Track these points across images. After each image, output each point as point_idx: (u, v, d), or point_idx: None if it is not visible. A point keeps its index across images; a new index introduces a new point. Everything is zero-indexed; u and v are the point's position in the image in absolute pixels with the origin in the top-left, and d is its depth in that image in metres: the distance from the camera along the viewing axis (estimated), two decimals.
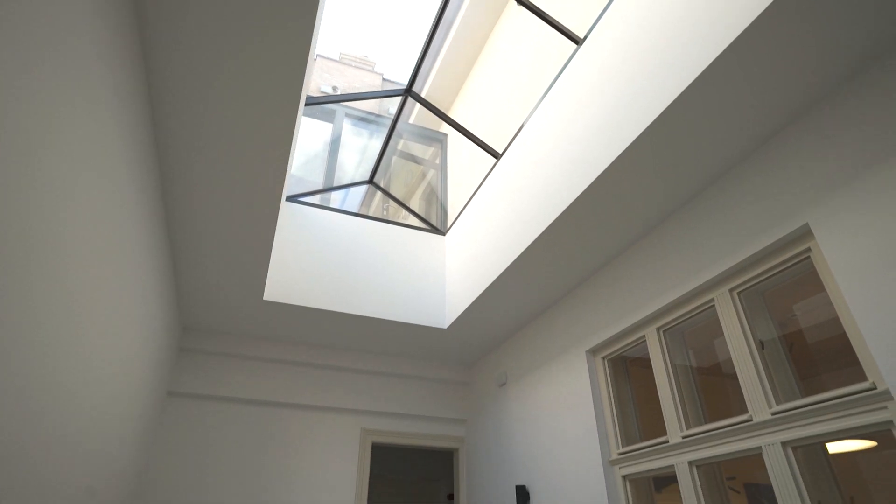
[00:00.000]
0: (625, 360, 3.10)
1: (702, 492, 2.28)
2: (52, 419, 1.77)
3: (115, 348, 2.33)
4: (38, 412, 1.65)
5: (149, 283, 2.66)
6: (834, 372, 3.59)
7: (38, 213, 1.41)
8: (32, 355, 1.53)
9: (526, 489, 3.36)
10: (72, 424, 1.96)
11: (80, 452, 2.12)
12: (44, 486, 1.82)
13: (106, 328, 2.14)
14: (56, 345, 1.68)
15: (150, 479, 3.53)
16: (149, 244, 2.52)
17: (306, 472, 3.92)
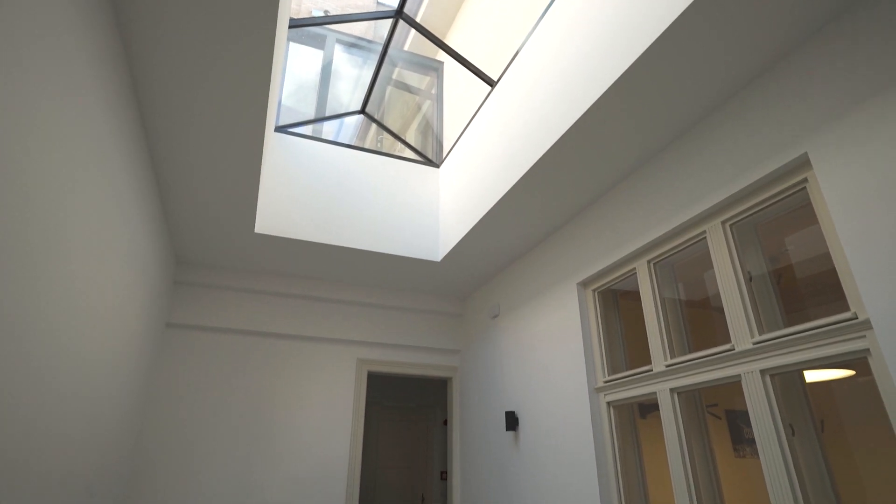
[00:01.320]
0: (615, 293, 3.13)
1: (681, 417, 2.37)
2: (50, 353, 1.80)
3: (108, 280, 2.34)
4: (34, 349, 1.68)
5: (136, 216, 2.63)
6: (819, 307, 3.65)
7: (20, 152, 1.35)
8: (24, 292, 1.53)
9: (515, 415, 3.50)
10: (73, 355, 2.00)
11: (83, 381, 2.18)
12: (45, 419, 1.88)
13: (97, 261, 2.13)
14: (47, 280, 1.68)
15: (154, 408, 3.67)
16: (132, 177, 2.46)
17: (305, 400, 4.07)
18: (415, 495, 6.64)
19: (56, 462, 2.06)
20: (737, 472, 3.92)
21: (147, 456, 3.54)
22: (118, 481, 3.12)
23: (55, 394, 1.95)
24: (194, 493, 3.57)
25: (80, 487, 2.41)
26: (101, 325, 2.36)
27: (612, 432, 2.74)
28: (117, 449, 2.98)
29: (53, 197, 1.68)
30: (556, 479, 2.98)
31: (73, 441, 2.21)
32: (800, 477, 1.85)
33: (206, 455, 3.68)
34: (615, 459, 2.69)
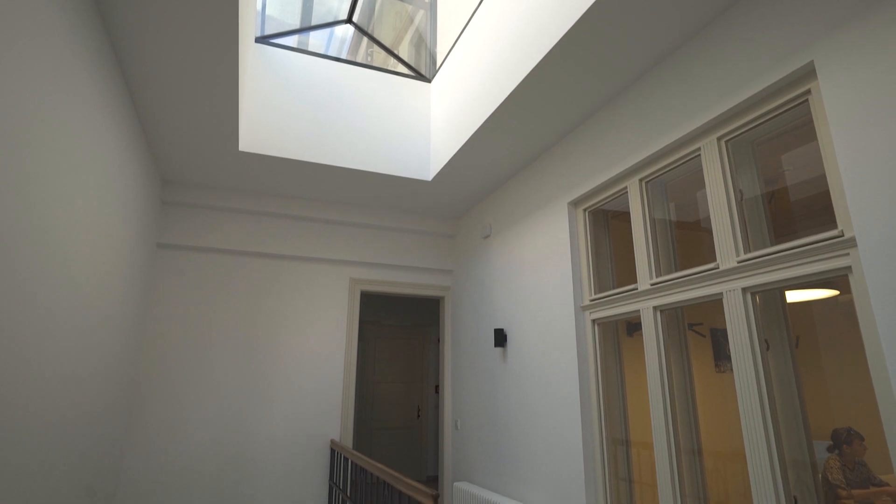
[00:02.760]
0: (606, 214, 3.10)
1: (662, 334, 2.41)
2: (40, 275, 1.78)
3: (93, 199, 2.28)
4: (24, 272, 1.65)
5: (113, 135, 2.53)
6: (809, 230, 3.63)
7: None
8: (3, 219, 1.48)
9: (504, 332, 3.59)
10: (63, 275, 1.99)
11: (78, 298, 2.19)
12: (40, 347, 1.90)
13: (79, 180, 2.07)
14: (25, 205, 1.62)
15: (151, 329, 3.75)
16: (104, 93, 2.33)
17: (299, 319, 4.17)
18: (411, 407, 7.00)
19: (56, 392, 2.12)
20: (716, 387, 4.09)
21: (147, 376, 3.67)
22: (120, 405, 3.26)
23: (48, 318, 1.97)
24: (194, 412, 3.74)
25: (82, 418, 2.51)
26: (89, 245, 2.34)
27: (596, 348, 2.81)
28: (116, 372, 3.08)
29: (18, 122, 1.59)
30: (541, 391, 3.11)
31: (70, 368, 2.27)
32: (769, 389, 1.91)
33: (203, 374, 3.81)
34: (597, 373, 2.78)
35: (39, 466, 2.09)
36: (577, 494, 2.69)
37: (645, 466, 2.67)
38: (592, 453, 2.71)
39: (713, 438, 3.47)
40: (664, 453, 2.29)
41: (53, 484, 2.26)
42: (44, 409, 2.08)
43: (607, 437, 2.69)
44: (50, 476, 2.21)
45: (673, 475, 2.25)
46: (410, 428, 6.93)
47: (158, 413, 3.63)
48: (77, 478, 2.55)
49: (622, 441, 2.72)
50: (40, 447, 2.08)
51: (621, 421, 2.75)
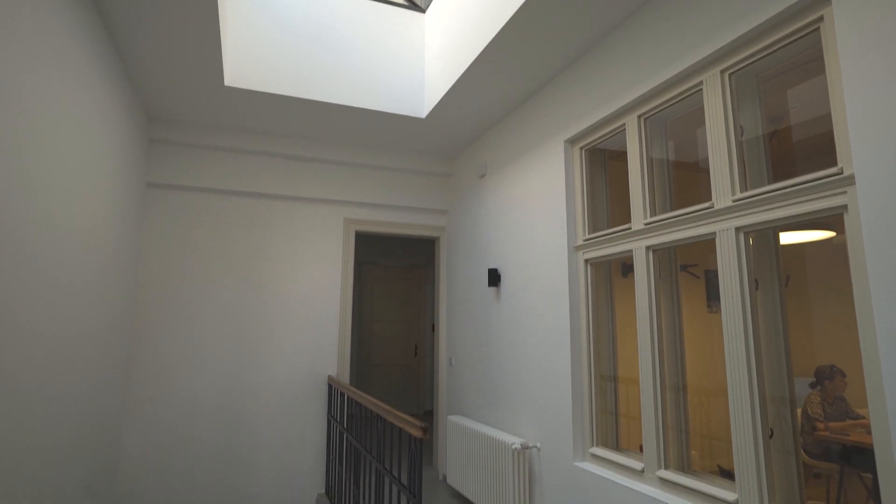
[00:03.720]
0: (603, 153, 3.02)
1: (653, 274, 2.41)
2: (24, 217, 1.74)
3: (77, 138, 2.20)
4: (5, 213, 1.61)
5: (94, 67, 2.41)
6: (808, 172, 3.55)
7: None
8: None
9: (497, 272, 3.60)
10: (49, 219, 1.95)
11: (69, 241, 2.16)
12: (35, 292, 1.88)
13: (60, 119, 1.98)
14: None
15: (145, 268, 3.75)
16: (83, 28, 2.20)
17: (294, 259, 4.17)
18: (409, 346, 7.17)
19: (54, 340, 2.14)
20: (706, 327, 4.16)
21: (143, 318, 3.71)
22: (118, 347, 3.31)
23: (38, 266, 1.95)
24: (192, 352, 3.81)
25: (82, 363, 2.54)
26: (76, 185, 2.29)
27: (588, 288, 2.83)
28: (112, 315, 3.10)
29: None
30: (533, 330, 3.16)
31: (65, 314, 2.27)
32: (755, 327, 1.93)
33: (200, 314, 3.86)
34: (588, 313, 2.81)
35: (43, 413, 2.15)
36: (564, 426, 2.79)
37: (631, 401, 2.75)
38: (581, 388, 2.78)
39: (699, 375, 3.56)
40: (649, 389, 2.35)
41: (56, 430, 2.33)
42: (42, 357, 2.11)
43: (595, 373, 2.75)
44: (54, 420, 2.28)
45: (657, 409, 2.32)
46: (408, 365, 7.13)
47: (157, 354, 3.71)
48: (80, 422, 2.63)
49: (610, 377, 2.79)
50: (41, 392, 2.13)
51: (610, 358, 2.81)
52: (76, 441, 2.61)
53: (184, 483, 3.64)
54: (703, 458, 3.35)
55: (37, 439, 2.14)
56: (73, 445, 2.57)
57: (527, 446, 3.03)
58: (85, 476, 2.78)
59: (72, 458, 2.56)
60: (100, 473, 3.06)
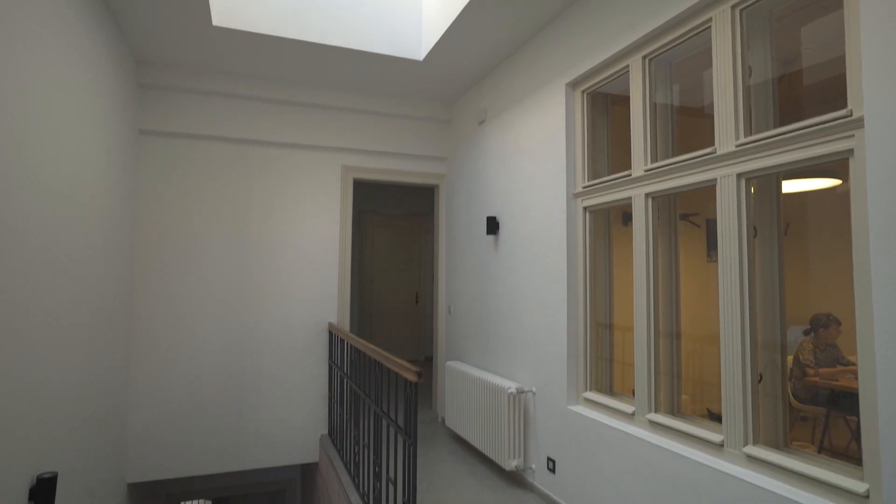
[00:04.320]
0: (605, 98, 2.92)
1: (652, 222, 2.39)
2: (10, 169, 1.70)
3: (63, 84, 2.12)
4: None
5: (70, 6, 2.30)
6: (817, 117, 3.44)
7: None
8: None
9: (496, 219, 3.57)
10: (36, 163, 1.90)
11: (60, 193, 2.12)
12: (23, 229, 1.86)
13: (44, 64, 1.90)
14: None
15: (141, 218, 3.73)
16: None
17: (292, 208, 4.14)
18: (410, 294, 7.25)
19: (54, 288, 2.13)
20: (705, 276, 4.17)
21: (142, 269, 3.72)
22: (119, 299, 3.33)
23: (30, 217, 1.92)
24: (192, 301, 3.84)
25: (84, 316, 2.56)
26: (64, 134, 2.23)
27: (586, 236, 2.81)
28: (111, 265, 3.10)
29: None
30: (530, 278, 3.16)
31: (62, 262, 2.26)
32: (751, 274, 1.92)
33: (198, 263, 3.87)
34: (585, 261, 2.80)
35: (50, 359, 2.19)
36: (559, 372, 2.85)
37: (627, 348, 2.79)
38: (576, 335, 2.82)
39: (695, 323, 3.60)
40: (643, 335, 2.38)
41: (62, 377, 2.38)
42: (46, 306, 2.12)
43: (591, 320, 2.78)
44: (60, 375, 2.32)
45: (649, 355, 2.35)
46: (409, 313, 7.23)
47: (158, 301, 3.75)
48: (86, 367, 2.69)
49: (606, 324, 2.82)
50: (47, 342, 2.16)
51: (606, 306, 2.83)
52: (84, 385, 2.67)
53: (191, 423, 3.77)
54: (695, 403, 3.44)
55: (45, 372, 2.19)
56: (82, 388, 2.64)
57: (522, 391, 3.11)
58: (96, 419, 2.88)
59: (82, 399, 2.63)
60: (111, 414, 3.17)
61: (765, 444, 1.88)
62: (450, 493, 3.03)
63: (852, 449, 3.23)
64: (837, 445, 3.37)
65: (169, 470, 3.71)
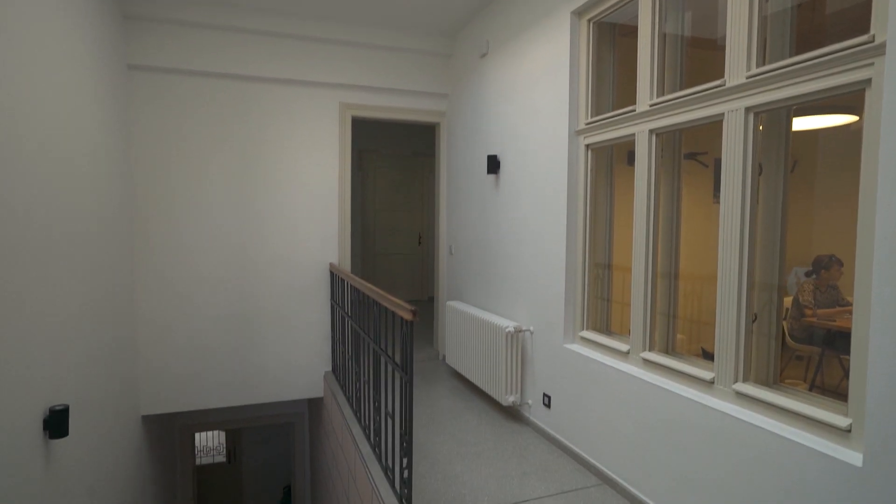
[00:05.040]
0: (613, 28, 2.76)
1: (654, 160, 2.31)
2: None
3: (37, 16, 2.01)
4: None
5: None
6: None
7: None
8: None
9: (497, 158, 3.49)
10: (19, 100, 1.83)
11: (50, 133, 2.06)
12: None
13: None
14: None
15: (138, 159, 3.66)
16: None
17: (289, 147, 4.05)
18: (413, 235, 7.24)
19: (56, 236, 2.11)
20: (709, 217, 4.11)
21: (143, 213, 3.69)
22: (121, 235, 3.32)
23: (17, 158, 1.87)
24: (194, 243, 3.84)
25: (87, 263, 2.55)
26: (45, 71, 2.14)
27: (587, 175, 2.74)
28: (111, 208, 3.07)
29: None
30: (530, 218, 3.12)
31: (60, 209, 2.23)
32: (753, 213, 1.87)
33: (198, 205, 3.84)
34: (586, 200, 2.75)
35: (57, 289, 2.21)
36: (556, 311, 2.87)
37: (625, 288, 2.78)
38: (574, 275, 2.81)
39: (695, 264, 3.58)
40: (640, 275, 2.37)
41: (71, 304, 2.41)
42: (51, 256, 2.11)
43: (590, 260, 2.76)
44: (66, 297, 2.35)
45: (646, 295, 2.35)
46: (412, 254, 7.26)
47: (159, 245, 3.75)
48: (91, 301, 2.72)
49: (605, 265, 2.81)
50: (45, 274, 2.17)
51: (606, 246, 2.80)
52: (91, 320, 2.73)
53: (199, 360, 3.89)
54: (691, 342, 3.48)
55: (51, 305, 2.23)
56: (89, 323, 2.70)
57: (520, 329, 3.15)
58: (106, 354, 2.96)
59: (90, 334, 2.69)
60: (121, 350, 3.26)
61: (755, 381, 1.90)
62: (449, 426, 3.14)
63: (843, 387, 3.29)
64: (829, 384, 3.43)
65: (180, 403, 3.86)
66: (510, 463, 2.68)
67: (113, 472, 3.07)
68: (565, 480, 2.51)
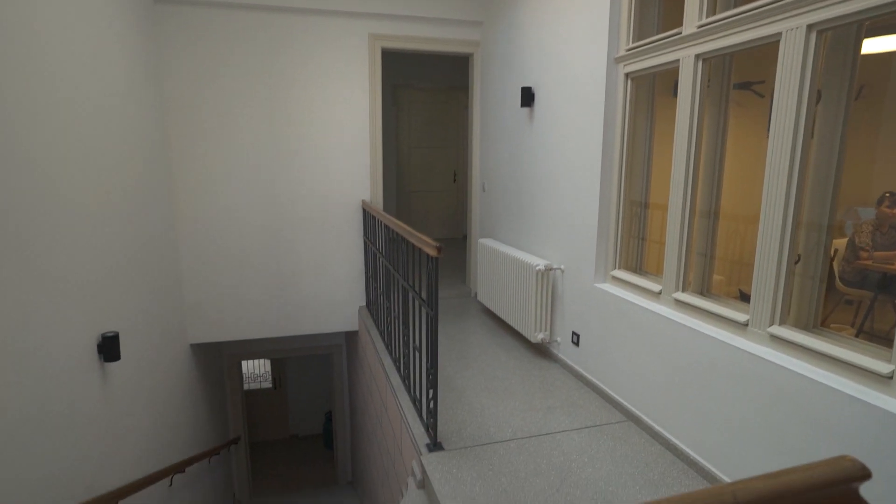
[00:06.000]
0: None
1: (700, 87, 2.13)
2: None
3: None
4: None
5: None
6: None
7: None
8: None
9: (531, 90, 3.32)
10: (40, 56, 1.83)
11: (73, 73, 2.07)
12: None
13: None
14: None
15: (168, 95, 3.67)
16: None
17: (319, 80, 3.97)
18: (448, 172, 7.15)
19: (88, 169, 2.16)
20: (762, 151, 3.84)
21: (176, 151, 3.74)
22: (157, 176, 3.39)
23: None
24: (226, 183, 3.89)
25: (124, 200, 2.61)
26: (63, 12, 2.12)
27: (626, 107, 2.57)
28: (146, 143, 3.12)
29: None
30: (564, 153, 2.99)
31: (89, 144, 2.27)
32: (805, 146, 1.72)
33: (229, 141, 3.86)
34: (623, 135, 2.60)
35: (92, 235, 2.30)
36: (588, 250, 2.80)
37: (662, 227, 2.67)
38: (608, 212, 2.71)
39: (741, 203, 3.38)
40: (677, 212, 2.25)
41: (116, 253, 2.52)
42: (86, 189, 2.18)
43: (625, 197, 2.65)
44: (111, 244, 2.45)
45: (682, 234, 2.24)
46: (447, 191, 7.19)
47: (195, 183, 3.82)
48: (134, 244, 2.84)
49: (641, 202, 2.69)
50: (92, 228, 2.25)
51: (643, 183, 2.67)
52: (137, 256, 2.86)
53: (240, 294, 4.06)
54: (730, 284, 3.36)
55: (99, 240, 2.34)
56: (135, 258, 2.83)
57: (550, 268, 3.10)
58: (153, 286, 3.12)
59: (137, 267, 2.84)
60: (166, 283, 3.43)
61: (794, 325, 1.81)
62: (479, 361, 3.21)
63: (893, 334, 3.13)
64: (879, 329, 3.27)
65: (225, 333, 4.08)
66: (536, 397, 2.73)
67: (166, 393, 3.33)
68: (590, 416, 2.54)
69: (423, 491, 2.14)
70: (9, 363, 1.71)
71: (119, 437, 2.54)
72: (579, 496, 1.93)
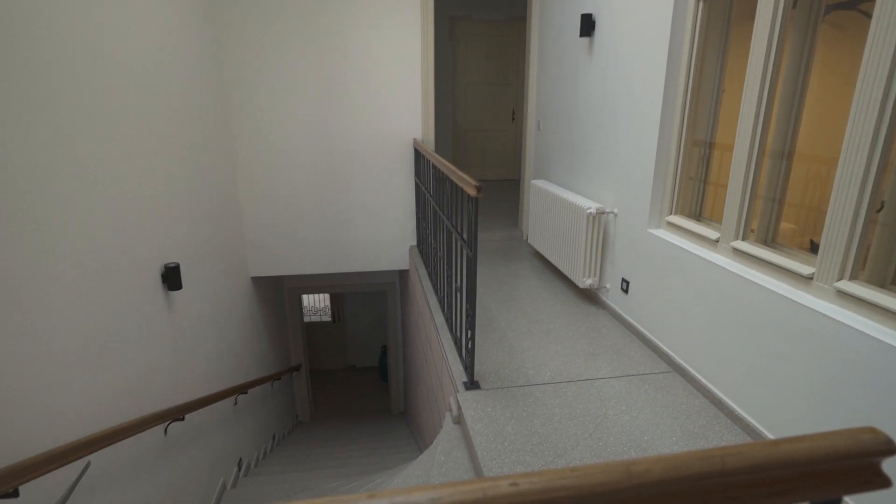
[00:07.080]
0: None
1: (782, 12, 1.86)
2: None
3: None
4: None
5: None
6: None
7: None
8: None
9: (592, 18, 3.05)
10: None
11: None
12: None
13: None
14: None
15: (225, 43, 3.68)
16: None
17: (369, 14, 3.84)
18: (506, 109, 6.88)
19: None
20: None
21: (232, 91, 3.79)
22: (216, 119, 3.46)
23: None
24: (280, 125, 3.92)
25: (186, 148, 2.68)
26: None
27: (695, 34, 2.31)
28: (202, 90, 3.17)
29: None
30: (623, 87, 2.77)
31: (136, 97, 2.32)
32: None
33: (283, 80, 3.85)
34: (689, 67, 2.35)
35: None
36: (643, 193, 2.63)
37: (728, 169, 2.45)
38: (667, 153, 2.51)
39: (825, 143, 3.04)
40: (743, 153, 2.05)
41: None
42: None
43: (687, 137, 2.43)
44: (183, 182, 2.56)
45: (746, 177, 2.05)
46: (505, 130, 6.96)
47: (250, 129, 3.89)
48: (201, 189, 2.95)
49: (706, 143, 2.46)
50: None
51: (710, 121, 2.43)
52: (198, 193, 3.00)
53: (299, 226, 4.20)
54: (804, 234, 3.09)
55: (161, 178, 2.47)
56: (196, 194, 2.97)
57: (602, 211, 2.96)
58: (213, 222, 3.28)
59: (199, 201, 2.98)
60: (226, 218, 3.60)
61: (868, 281, 1.64)
62: (524, 303, 3.18)
63: None
64: None
65: (283, 267, 4.27)
66: (579, 343, 2.69)
67: (227, 321, 3.56)
68: (633, 364, 2.48)
69: (458, 427, 2.20)
70: (81, 277, 1.86)
71: (184, 360, 2.76)
72: (612, 442, 1.92)
